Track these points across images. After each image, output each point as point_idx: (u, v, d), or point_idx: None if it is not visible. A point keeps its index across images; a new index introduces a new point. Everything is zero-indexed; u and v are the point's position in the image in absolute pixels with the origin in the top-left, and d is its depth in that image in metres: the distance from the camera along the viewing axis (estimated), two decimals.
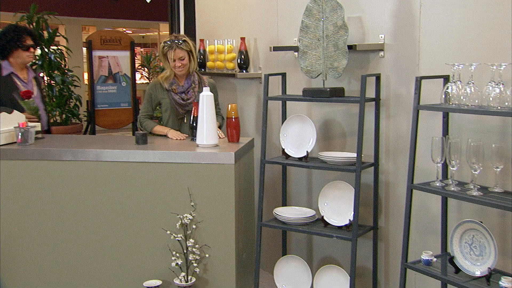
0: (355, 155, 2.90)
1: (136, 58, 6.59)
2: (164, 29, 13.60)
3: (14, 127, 3.07)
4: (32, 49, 3.65)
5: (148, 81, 10.60)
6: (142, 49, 14.01)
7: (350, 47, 2.93)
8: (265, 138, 3.13)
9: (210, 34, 4.28)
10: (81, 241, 2.98)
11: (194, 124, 3.15)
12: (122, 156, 2.90)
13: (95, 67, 5.76)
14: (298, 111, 3.40)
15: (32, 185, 2.95)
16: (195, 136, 3.09)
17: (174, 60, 3.33)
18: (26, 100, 3.42)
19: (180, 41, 3.31)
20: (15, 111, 3.15)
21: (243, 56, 3.81)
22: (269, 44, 3.62)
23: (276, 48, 3.33)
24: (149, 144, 3.11)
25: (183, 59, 3.30)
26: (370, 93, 2.97)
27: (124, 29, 13.03)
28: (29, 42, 3.62)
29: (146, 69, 11.37)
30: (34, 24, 6.06)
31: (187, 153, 2.86)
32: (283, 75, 3.34)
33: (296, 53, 3.39)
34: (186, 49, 3.32)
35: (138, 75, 10.11)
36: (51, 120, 5.83)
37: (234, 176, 2.80)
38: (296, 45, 3.27)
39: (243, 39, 3.83)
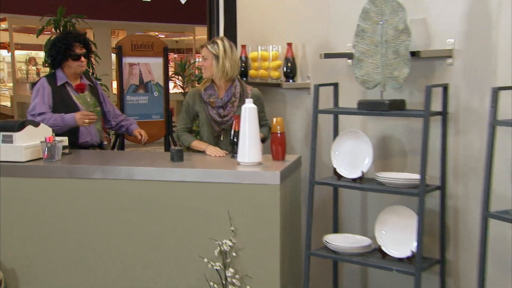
0: (418, 176, 2.82)
1: (169, 65, 6.60)
2: (200, 32, 13.72)
3: (40, 142, 3.11)
4: (83, 58, 3.72)
5: (183, 91, 10.61)
6: (175, 55, 14.17)
7: (413, 54, 2.88)
8: (315, 156, 3.08)
9: (253, 39, 4.26)
10: (110, 266, 2.97)
11: (235, 140, 3.12)
12: (156, 174, 2.89)
13: (125, 75, 5.81)
14: (352, 126, 3.34)
15: (59, 204, 2.98)
16: (236, 153, 3.05)
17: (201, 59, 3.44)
18: (81, 94, 3.55)
19: (210, 41, 3.44)
20: (42, 124, 3.20)
21: (289, 64, 3.77)
22: (319, 51, 3.56)
23: (327, 55, 3.29)
24: (186, 161, 3.09)
25: (206, 59, 3.37)
26: (436, 106, 2.89)
27: (156, 33, 13.20)
28: (79, 50, 3.71)
29: (180, 78, 11.34)
30: (61, 28, 6.22)
31: (227, 171, 2.84)
32: (335, 85, 3.29)
33: (350, 61, 3.34)
34: (212, 51, 3.36)
35: (171, 84, 10.16)
36: None
37: (280, 198, 2.77)
38: (350, 51, 3.22)
39: (289, 44, 3.79)
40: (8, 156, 3.07)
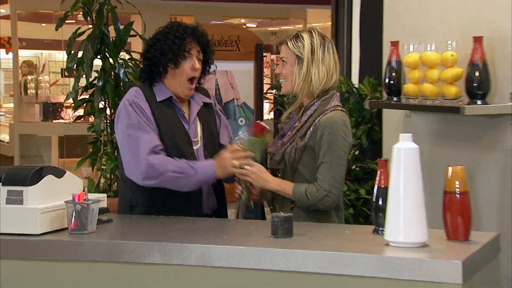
0: None
1: (263, 74, 5.20)
2: (314, 18, 10.48)
3: (65, 202, 2.49)
4: (196, 62, 2.90)
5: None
6: (274, 57, 10.77)
7: None
8: None
9: (410, 32, 3.56)
10: None
11: (380, 203, 2.45)
12: (249, 258, 2.34)
13: None
14: None
15: None
16: (381, 226, 2.44)
17: None
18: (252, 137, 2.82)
19: (293, 35, 2.87)
20: (68, 173, 2.55)
21: (477, 74, 3.06)
22: None
23: None
24: (297, 238, 2.46)
25: (285, 63, 2.87)
26: None
27: (243, 21, 10.73)
28: (196, 53, 2.87)
29: (281, 95, 8.66)
30: (94, 16, 5.01)
31: (367, 257, 2.24)
32: None
33: None
34: (294, 50, 2.83)
35: (267, 106, 7.93)
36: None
37: None
38: None
39: (477, 40, 3.06)
40: (14, 226, 2.46)
